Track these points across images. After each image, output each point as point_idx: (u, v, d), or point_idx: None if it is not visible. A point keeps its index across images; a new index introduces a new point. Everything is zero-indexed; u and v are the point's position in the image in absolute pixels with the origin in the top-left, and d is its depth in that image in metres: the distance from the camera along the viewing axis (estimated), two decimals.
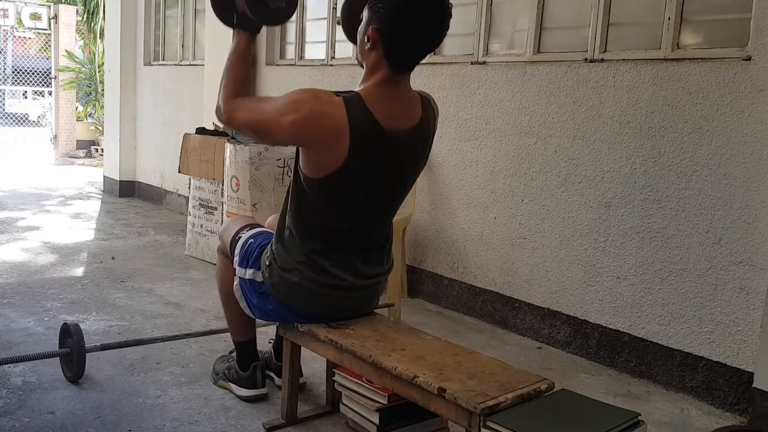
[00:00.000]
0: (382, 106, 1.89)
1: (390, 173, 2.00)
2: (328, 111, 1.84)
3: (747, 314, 2.60)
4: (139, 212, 6.27)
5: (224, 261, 2.39)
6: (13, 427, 2.16)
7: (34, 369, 2.59)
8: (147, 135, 6.91)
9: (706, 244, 2.72)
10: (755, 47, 2.56)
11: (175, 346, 2.88)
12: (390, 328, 2.13)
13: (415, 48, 1.89)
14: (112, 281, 3.89)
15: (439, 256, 3.83)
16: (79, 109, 11.94)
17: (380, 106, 1.89)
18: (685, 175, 2.78)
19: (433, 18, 1.85)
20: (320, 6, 4.83)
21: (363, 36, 1.91)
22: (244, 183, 3.98)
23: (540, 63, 3.34)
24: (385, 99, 1.91)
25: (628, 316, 2.98)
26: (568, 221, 3.21)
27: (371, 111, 1.87)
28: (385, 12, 1.83)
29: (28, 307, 3.33)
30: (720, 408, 2.67)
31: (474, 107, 3.63)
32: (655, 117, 2.87)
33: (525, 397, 1.68)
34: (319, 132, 1.85)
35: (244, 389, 2.43)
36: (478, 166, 3.61)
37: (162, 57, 6.82)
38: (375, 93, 1.90)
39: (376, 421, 2.04)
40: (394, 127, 1.91)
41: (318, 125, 1.84)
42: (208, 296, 3.66)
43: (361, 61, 1.97)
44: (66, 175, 8.80)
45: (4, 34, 14.57)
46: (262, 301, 2.16)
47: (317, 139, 1.87)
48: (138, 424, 2.22)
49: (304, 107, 1.84)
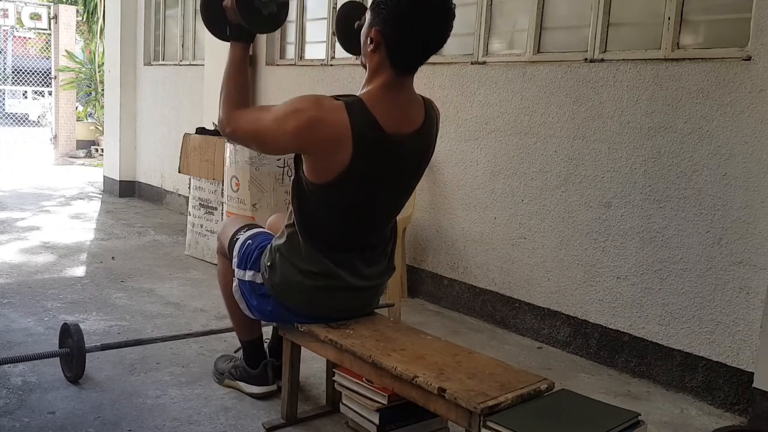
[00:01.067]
0: (385, 109, 1.88)
1: (392, 177, 1.99)
2: (329, 117, 1.82)
3: (747, 314, 2.60)
4: (139, 212, 6.27)
5: (224, 262, 2.39)
6: (13, 427, 2.16)
7: (34, 369, 2.59)
8: (147, 135, 6.91)
9: (706, 244, 2.72)
10: (755, 47, 2.56)
11: (175, 346, 2.88)
12: (390, 328, 2.13)
13: (418, 49, 1.87)
14: (112, 281, 3.89)
15: (439, 256, 3.83)
16: (79, 109, 11.94)
17: (383, 109, 1.87)
18: (685, 175, 2.78)
19: (437, 19, 1.84)
20: (320, 6, 4.83)
21: (366, 38, 1.90)
22: (244, 183, 3.98)
23: (540, 63, 3.34)
24: (388, 102, 1.89)
25: (628, 316, 2.98)
26: (568, 221, 3.21)
27: (374, 115, 1.86)
28: (388, 13, 1.82)
29: (28, 307, 3.33)
30: (720, 408, 2.67)
31: (474, 107, 3.63)
32: (655, 117, 2.87)
33: (525, 397, 1.68)
34: (321, 138, 1.83)
35: (255, 386, 2.44)
36: (478, 166, 3.61)
37: (162, 57, 6.82)
38: (377, 96, 1.88)
39: (376, 421, 2.04)
40: (397, 131, 1.90)
41: (319, 131, 1.82)
42: (208, 296, 3.66)
43: (364, 62, 1.96)
44: (66, 175, 8.80)
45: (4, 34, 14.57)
46: (261, 303, 2.16)
47: (319, 145, 1.85)
48: (138, 424, 2.22)
49: (304, 114, 1.82)
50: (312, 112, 1.83)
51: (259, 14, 2.02)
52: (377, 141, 1.87)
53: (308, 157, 1.93)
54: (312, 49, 4.98)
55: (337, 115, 1.83)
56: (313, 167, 1.93)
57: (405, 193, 2.11)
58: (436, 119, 2.06)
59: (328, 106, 1.84)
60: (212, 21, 2.08)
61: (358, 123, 1.83)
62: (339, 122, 1.82)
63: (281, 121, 1.85)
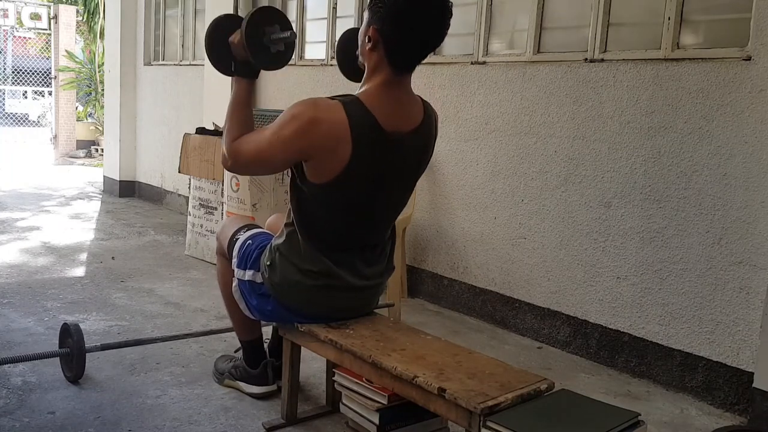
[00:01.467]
0: (384, 108, 1.88)
1: (392, 176, 1.99)
2: (326, 116, 1.82)
3: (747, 314, 2.60)
4: (139, 212, 6.27)
5: (224, 263, 2.39)
6: (13, 427, 2.16)
7: (34, 369, 2.59)
8: (147, 135, 6.91)
9: (706, 244, 2.72)
10: (755, 47, 2.56)
11: (175, 346, 2.88)
12: (390, 328, 2.13)
13: (416, 48, 1.87)
14: (112, 281, 3.89)
15: (439, 256, 3.83)
16: (79, 109, 11.94)
17: (382, 108, 1.87)
18: (685, 175, 2.78)
19: (435, 17, 1.84)
20: (320, 6, 4.84)
21: (364, 36, 1.90)
22: (244, 183, 3.98)
23: (540, 63, 3.34)
24: (387, 101, 1.89)
25: (628, 316, 2.98)
26: (568, 221, 3.21)
27: (372, 113, 1.86)
28: (385, 11, 1.82)
29: (28, 307, 3.33)
30: (720, 408, 2.67)
31: (474, 107, 3.63)
32: (655, 117, 2.87)
33: (525, 397, 1.68)
34: (320, 137, 1.83)
35: (256, 386, 2.44)
36: (478, 166, 3.61)
37: (162, 57, 6.82)
38: (376, 95, 1.89)
39: (376, 421, 2.04)
40: (396, 129, 1.90)
41: (318, 131, 1.82)
42: (208, 296, 3.66)
43: (362, 62, 1.96)
44: (66, 175, 8.80)
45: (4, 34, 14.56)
46: (261, 302, 2.16)
47: (319, 145, 1.84)
48: (138, 424, 2.22)
49: (302, 117, 1.82)
50: (309, 113, 1.83)
51: (267, 52, 2.02)
52: (376, 140, 1.87)
53: (309, 161, 1.92)
54: (312, 49, 4.98)
55: (334, 115, 1.83)
56: (312, 168, 1.92)
57: (405, 193, 2.11)
58: (435, 120, 2.07)
59: (324, 106, 1.84)
60: (217, 56, 2.08)
61: (356, 122, 1.84)
62: (337, 121, 1.82)
63: (279, 130, 1.85)
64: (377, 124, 1.86)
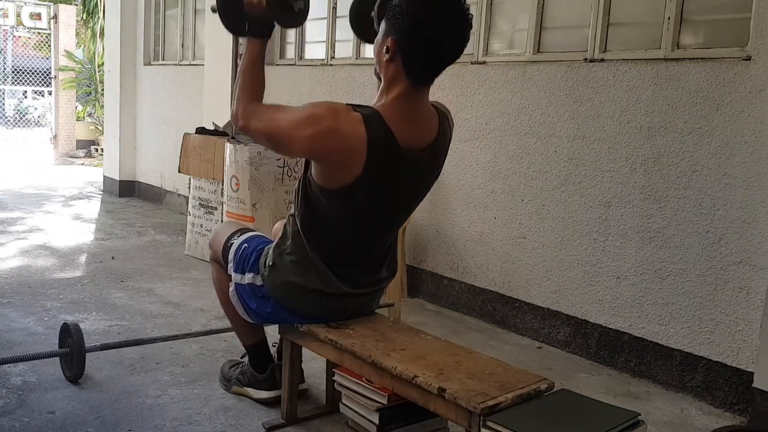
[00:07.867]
0: (402, 124, 1.85)
1: (402, 190, 1.98)
2: (346, 128, 1.80)
3: (747, 314, 2.60)
4: (139, 212, 6.27)
5: (219, 269, 2.36)
6: (13, 427, 2.16)
7: (34, 369, 2.59)
8: (147, 135, 6.91)
9: (706, 244, 2.72)
10: (755, 47, 2.56)
11: (175, 346, 2.88)
12: (390, 328, 2.13)
13: (436, 60, 1.83)
14: (112, 281, 3.89)
15: (439, 255, 3.83)
16: (79, 108, 11.94)
17: (400, 124, 1.85)
18: (685, 175, 2.78)
19: (455, 30, 1.80)
20: (320, 6, 4.83)
21: (381, 47, 1.86)
22: (244, 183, 3.98)
23: (540, 63, 3.34)
24: (405, 116, 1.86)
25: (628, 316, 2.98)
26: (568, 221, 3.21)
27: (391, 130, 1.83)
28: (405, 23, 1.78)
29: (28, 307, 3.33)
30: (720, 408, 2.67)
31: (474, 107, 3.63)
32: (655, 117, 2.87)
33: (525, 397, 1.68)
34: (335, 149, 1.81)
35: (264, 391, 2.41)
36: (478, 166, 3.61)
37: (162, 57, 6.82)
38: (395, 109, 1.85)
39: (376, 421, 2.04)
40: (411, 146, 1.88)
41: (334, 142, 1.80)
42: (208, 296, 3.65)
43: (378, 72, 1.93)
44: (66, 175, 8.80)
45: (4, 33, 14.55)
46: (260, 305, 2.15)
47: (332, 155, 1.84)
48: (138, 424, 2.22)
49: (321, 123, 1.80)
50: (329, 122, 1.80)
51: (291, 10, 2.02)
52: (391, 156, 1.85)
53: (318, 164, 1.92)
54: (312, 49, 4.98)
55: (353, 126, 1.80)
56: (322, 173, 1.92)
57: (413, 204, 2.10)
58: (450, 130, 2.04)
59: (345, 116, 1.81)
60: (231, 16, 2.05)
61: (375, 141, 1.81)
62: (355, 135, 1.80)
63: (296, 125, 1.83)
64: (395, 141, 1.84)
